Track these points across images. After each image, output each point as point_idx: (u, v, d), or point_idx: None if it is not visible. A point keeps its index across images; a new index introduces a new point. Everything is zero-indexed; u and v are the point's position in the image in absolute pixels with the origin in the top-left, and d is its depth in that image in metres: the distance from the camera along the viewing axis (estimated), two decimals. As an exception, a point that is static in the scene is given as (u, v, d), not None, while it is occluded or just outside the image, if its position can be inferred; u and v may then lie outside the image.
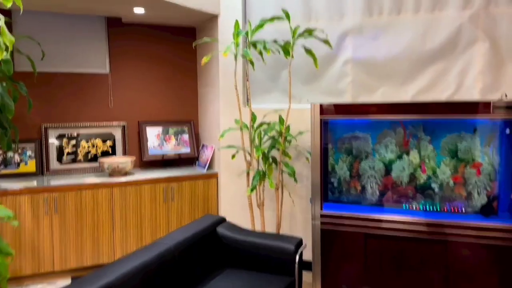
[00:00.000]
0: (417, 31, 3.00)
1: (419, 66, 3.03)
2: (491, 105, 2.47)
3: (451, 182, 2.80)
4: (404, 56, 3.05)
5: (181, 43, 3.92)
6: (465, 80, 2.93)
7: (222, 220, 2.74)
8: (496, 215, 2.64)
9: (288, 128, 3.09)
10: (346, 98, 3.23)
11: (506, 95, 2.66)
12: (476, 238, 2.52)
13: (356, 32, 3.16)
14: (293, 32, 2.90)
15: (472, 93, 2.91)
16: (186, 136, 3.94)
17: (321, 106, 2.80)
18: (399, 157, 2.91)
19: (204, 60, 2.89)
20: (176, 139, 3.91)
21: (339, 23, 3.20)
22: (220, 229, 2.64)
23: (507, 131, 2.64)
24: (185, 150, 3.91)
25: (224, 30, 3.38)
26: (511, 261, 2.44)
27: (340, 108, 2.79)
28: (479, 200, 2.74)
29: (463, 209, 2.76)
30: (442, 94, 2.98)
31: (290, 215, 3.37)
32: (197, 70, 4.02)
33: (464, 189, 2.78)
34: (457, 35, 2.90)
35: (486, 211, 2.66)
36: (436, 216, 2.68)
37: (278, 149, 3.08)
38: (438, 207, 2.82)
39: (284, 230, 3.33)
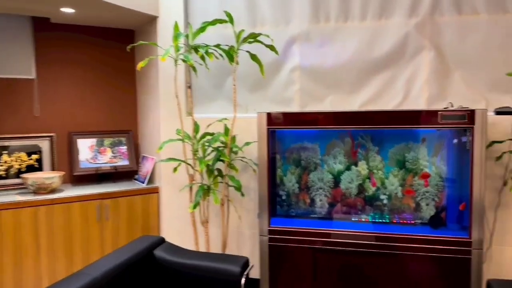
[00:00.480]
0: (365, 39, 2.94)
1: (367, 75, 2.97)
2: (438, 114, 2.44)
3: (400, 193, 2.75)
4: (352, 64, 2.98)
5: (118, 47, 3.62)
6: (412, 89, 2.90)
7: (161, 241, 2.48)
8: (445, 226, 2.60)
9: (234, 138, 2.90)
10: (294, 107, 3.10)
11: (452, 105, 2.64)
12: (425, 251, 2.47)
13: (303, 38, 3.05)
14: (237, 36, 2.73)
15: (418, 102, 2.88)
16: (124, 148, 3.63)
17: (268, 115, 2.65)
18: (348, 168, 2.82)
19: (140, 65, 2.64)
20: (113, 151, 3.59)
21: (285, 29, 3.08)
22: (158, 252, 2.38)
23: (455, 141, 2.63)
24: (123, 162, 3.59)
25: (164, 34, 3.14)
26: (460, 273, 2.40)
27: (288, 117, 2.65)
28: (428, 211, 2.70)
29: (412, 221, 2.71)
30: (389, 103, 2.93)
31: (237, 231, 3.17)
32: (136, 77, 3.73)
33: (412, 200, 2.74)
34: (404, 43, 2.87)
35: (435, 222, 2.62)
36: (385, 229, 2.61)
37: (224, 161, 2.88)
38: (387, 219, 2.75)
39: (231, 248, 3.12)
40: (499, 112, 2.66)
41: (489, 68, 2.75)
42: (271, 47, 2.73)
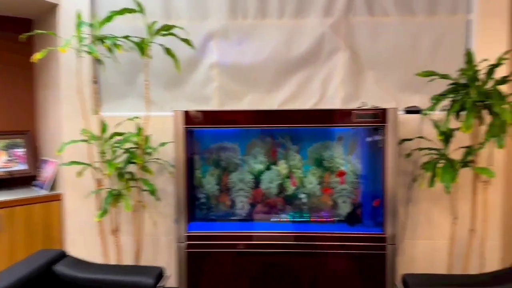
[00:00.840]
0: (283, 37, 2.91)
1: (286, 74, 2.94)
2: (352, 113, 2.47)
3: (318, 192, 2.76)
4: (271, 63, 2.94)
5: (13, 38, 3.17)
6: (328, 88, 2.93)
7: (62, 255, 2.19)
8: (360, 223, 2.66)
9: (147, 139, 2.69)
10: (213, 105, 2.97)
11: (365, 104, 2.71)
12: (343, 248, 2.49)
13: (221, 34, 2.94)
14: (149, 27, 2.53)
15: (334, 102, 2.92)
16: (20, 150, 3.20)
17: (185, 113, 2.50)
18: (268, 168, 2.77)
19: (37, 56, 2.32)
20: (8, 154, 3.15)
21: (202, 24, 2.94)
22: (59, 267, 2.10)
23: (369, 139, 2.70)
24: (20, 167, 3.17)
25: (66, 23, 2.82)
26: (376, 268, 2.46)
27: (207, 116, 2.52)
28: (345, 208, 2.74)
29: (330, 219, 2.73)
30: (307, 102, 2.94)
31: (154, 239, 2.96)
32: (34, 71, 3.32)
33: (330, 198, 2.76)
34: (320, 43, 2.89)
35: (351, 219, 2.66)
36: (305, 228, 2.60)
37: (136, 164, 2.65)
38: (307, 218, 2.75)
39: (147, 258, 2.89)
40: (408, 111, 2.79)
41: (399, 69, 2.88)
42: (186, 41, 2.57)
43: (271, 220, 2.74)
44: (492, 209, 2.65)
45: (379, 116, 2.46)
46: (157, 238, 2.96)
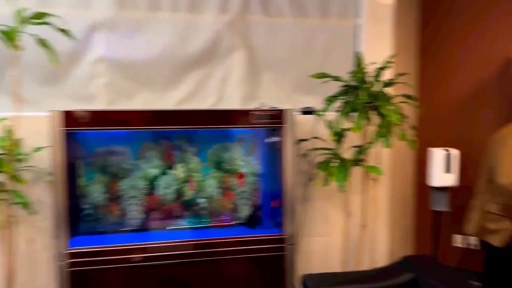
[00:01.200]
0: (177, 32, 2.74)
1: (182, 71, 2.78)
2: (251, 114, 2.43)
3: (219, 196, 2.66)
4: (165, 59, 2.75)
5: None
6: (226, 88, 2.84)
7: None
8: (260, 225, 2.62)
9: (17, 143, 2.31)
10: (99, 105, 2.68)
11: (264, 105, 2.67)
12: (244, 252, 2.44)
13: (108, 26, 2.66)
14: (18, 14, 2.17)
15: (232, 102, 2.85)
16: None
17: (65, 114, 2.19)
18: (164, 172, 2.58)
19: None
20: None
21: (86, 13, 2.63)
22: None
23: (267, 140, 2.67)
24: None
25: None
26: (276, 270, 2.44)
27: (92, 117, 2.26)
28: (245, 211, 2.68)
29: (231, 223, 2.65)
30: (205, 102, 2.81)
31: (31, 258, 2.56)
32: None
33: (230, 201, 2.68)
34: (217, 40, 2.78)
35: (252, 222, 2.62)
36: (205, 234, 2.50)
37: (5, 173, 2.26)
38: (206, 223, 2.63)
39: (22, 280, 2.49)
40: (304, 112, 2.83)
41: (294, 70, 2.90)
42: (64, 31, 2.25)
43: (168, 228, 2.56)
44: (380, 204, 2.82)
45: (277, 117, 2.45)
46: (34, 257, 2.57)
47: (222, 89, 2.83)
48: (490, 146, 2.63)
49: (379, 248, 2.84)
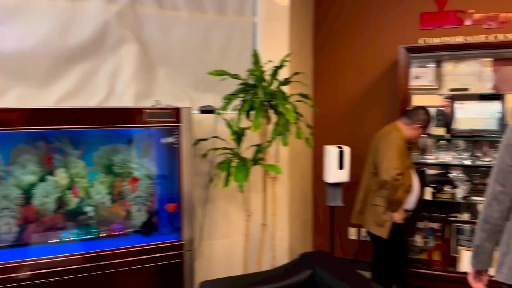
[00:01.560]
0: (58, 21, 2.43)
1: (63, 65, 2.47)
2: (145, 112, 2.25)
3: (109, 202, 2.42)
4: (43, 51, 2.42)
5: None
6: (116, 84, 2.60)
7: None
8: (157, 231, 2.45)
9: None
10: (-41, 102, 2.27)
11: (159, 103, 2.50)
12: (139, 263, 2.26)
13: (-32, 10, 2.26)
14: None
15: (124, 99, 2.62)
16: None
17: None
18: (42, 179, 2.27)
19: None
20: None
21: None
22: None
23: (163, 140, 2.50)
24: None
25: None
26: (175, 278, 2.31)
27: None
28: (140, 218, 2.48)
29: (123, 231, 2.43)
30: (92, 99, 2.54)
31: None
32: None
33: (123, 208, 2.45)
34: (104, 32, 2.52)
35: (147, 229, 2.43)
36: (94, 246, 2.26)
37: None
38: (95, 234, 2.38)
39: None
40: (203, 110, 2.72)
41: (191, 66, 2.78)
42: None
43: (50, 242, 2.26)
44: (280, 202, 2.84)
45: (173, 116, 2.31)
46: None
47: (112, 85, 2.59)
48: (374, 142, 2.82)
49: (280, 246, 2.85)
